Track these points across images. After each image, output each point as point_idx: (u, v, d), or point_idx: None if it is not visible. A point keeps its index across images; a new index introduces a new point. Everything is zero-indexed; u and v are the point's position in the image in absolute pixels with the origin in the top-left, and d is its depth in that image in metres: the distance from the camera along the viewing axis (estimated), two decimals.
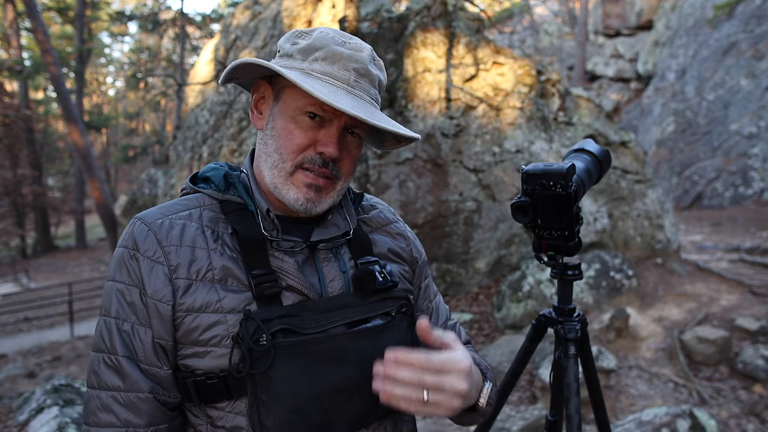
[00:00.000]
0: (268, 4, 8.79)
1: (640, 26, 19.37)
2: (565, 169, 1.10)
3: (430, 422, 3.74)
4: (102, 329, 0.81)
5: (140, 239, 0.82)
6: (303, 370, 0.78)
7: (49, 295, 12.50)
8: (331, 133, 0.85)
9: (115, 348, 0.79)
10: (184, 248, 0.82)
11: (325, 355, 0.80)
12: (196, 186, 0.91)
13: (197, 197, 0.90)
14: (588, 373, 1.32)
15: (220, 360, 0.79)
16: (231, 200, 0.88)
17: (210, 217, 0.87)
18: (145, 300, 0.79)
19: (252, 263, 0.83)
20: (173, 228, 0.83)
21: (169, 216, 0.85)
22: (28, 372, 6.63)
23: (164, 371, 0.80)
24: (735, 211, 9.73)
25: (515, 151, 5.86)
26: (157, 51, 31.61)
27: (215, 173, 0.92)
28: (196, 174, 0.95)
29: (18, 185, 19.40)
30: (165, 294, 0.79)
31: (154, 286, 0.79)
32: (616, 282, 5.01)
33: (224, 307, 0.80)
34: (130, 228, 0.85)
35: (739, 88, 11.67)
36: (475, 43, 6.10)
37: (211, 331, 0.79)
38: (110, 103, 40.10)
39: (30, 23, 13.44)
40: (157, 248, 0.81)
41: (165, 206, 0.88)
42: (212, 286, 0.81)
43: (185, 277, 0.80)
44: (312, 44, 0.85)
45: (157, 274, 0.80)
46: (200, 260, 0.82)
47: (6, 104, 19.33)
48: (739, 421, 3.40)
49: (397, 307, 0.90)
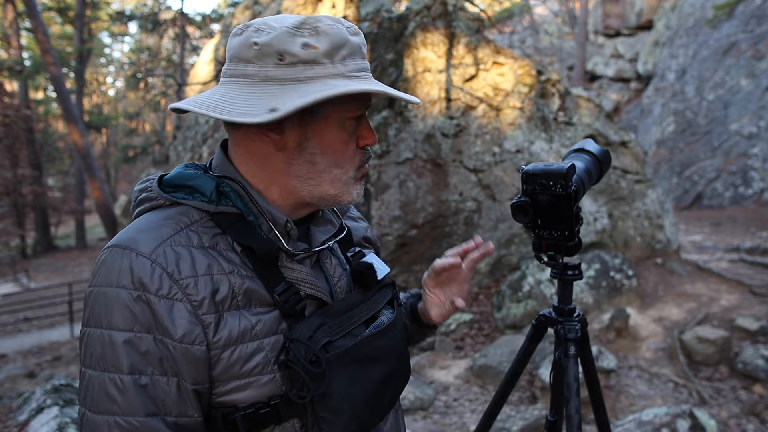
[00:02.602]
0: (268, 4, 8.79)
1: (640, 26, 19.37)
2: (565, 169, 1.10)
3: (430, 422, 3.74)
4: (108, 389, 0.68)
5: (146, 276, 0.69)
6: (353, 379, 0.79)
7: (49, 295, 12.49)
8: (367, 124, 0.84)
9: (136, 408, 0.68)
10: (201, 278, 0.72)
11: (366, 358, 0.82)
12: (171, 195, 0.78)
13: (180, 211, 0.77)
14: (588, 373, 1.32)
15: (265, 388, 0.74)
16: (225, 212, 0.78)
17: (207, 234, 0.76)
18: (168, 346, 0.69)
19: (269, 280, 0.77)
20: (180, 256, 0.72)
21: (166, 241, 0.72)
22: (28, 372, 6.63)
23: (194, 419, 0.72)
24: (735, 211, 9.73)
25: (515, 151, 5.86)
26: (157, 51, 31.60)
27: (201, 182, 0.79)
28: (161, 178, 0.82)
29: (18, 185, 19.39)
30: (196, 335, 0.70)
31: (180, 328, 0.69)
32: (616, 282, 5.01)
33: (259, 334, 0.74)
34: (123, 262, 0.70)
35: (739, 88, 11.67)
36: (475, 43, 6.10)
37: (252, 361, 0.73)
38: (110, 103, 40.09)
39: (30, 23, 13.44)
40: (171, 284, 0.70)
41: (148, 229, 0.74)
42: (240, 314, 0.74)
43: (213, 311, 0.72)
44: (334, 43, 0.75)
45: (180, 314, 0.69)
46: (223, 288, 0.73)
47: (6, 104, 19.32)
48: (739, 421, 3.40)
49: (392, 295, 0.94)
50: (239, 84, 0.76)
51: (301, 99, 0.70)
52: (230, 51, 0.78)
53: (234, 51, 0.77)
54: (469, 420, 3.71)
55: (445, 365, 4.62)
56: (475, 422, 3.12)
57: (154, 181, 0.81)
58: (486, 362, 4.30)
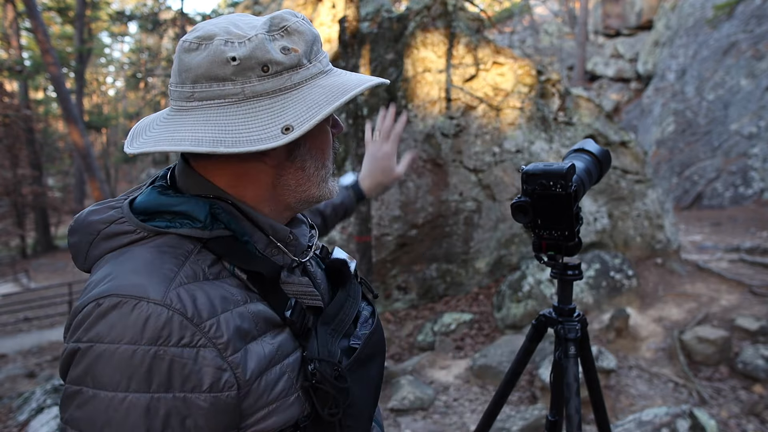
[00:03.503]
0: (268, 4, 8.80)
1: (640, 26, 19.37)
2: (565, 169, 1.10)
3: (430, 422, 3.74)
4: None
5: (164, 326, 0.60)
6: (363, 381, 0.80)
7: (49, 295, 12.50)
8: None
9: None
10: (222, 316, 0.65)
11: (367, 359, 0.82)
12: (155, 225, 0.69)
13: (171, 243, 0.68)
14: (588, 373, 1.32)
15: (290, 410, 0.70)
16: (219, 236, 0.71)
17: (207, 263, 0.69)
18: (197, 398, 0.61)
19: (275, 300, 0.73)
20: (195, 296, 0.64)
21: (174, 281, 0.64)
22: (28, 372, 6.63)
23: None
24: (735, 211, 9.73)
25: (515, 151, 5.86)
26: (157, 51, 31.59)
27: (191, 207, 0.70)
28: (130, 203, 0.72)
29: (18, 185, 19.40)
30: (225, 380, 0.63)
31: (207, 378, 0.62)
32: (616, 282, 5.01)
33: (281, 357, 0.70)
34: (132, 314, 0.60)
35: (739, 88, 11.67)
36: (475, 43, 6.10)
37: (278, 386, 0.69)
38: (110, 103, 40.08)
39: (30, 23, 13.44)
40: (194, 331, 0.62)
41: (148, 270, 0.64)
42: (262, 342, 0.69)
43: (240, 348, 0.65)
44: (309, 40, 0.72)
45: (206, 362, 0.62)
46: (244, 322, 0.67)
47: (6, 104, 19.32)
48: (739, 421, 3.40)
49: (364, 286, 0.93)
50: (222, 107, 0.67)
51: (314, 111, 0.67)
52: (193, 70, 0.68)
53: (200, 70, 0.67)
54: (469, 420, 3.71)
55: (445, 365, 4.62)
56: (475, 422, 3.12)
57: (125, 209, 0.70)
58: (486, 362, 4.30)
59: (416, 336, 5.25)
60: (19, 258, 20.98)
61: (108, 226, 0.69)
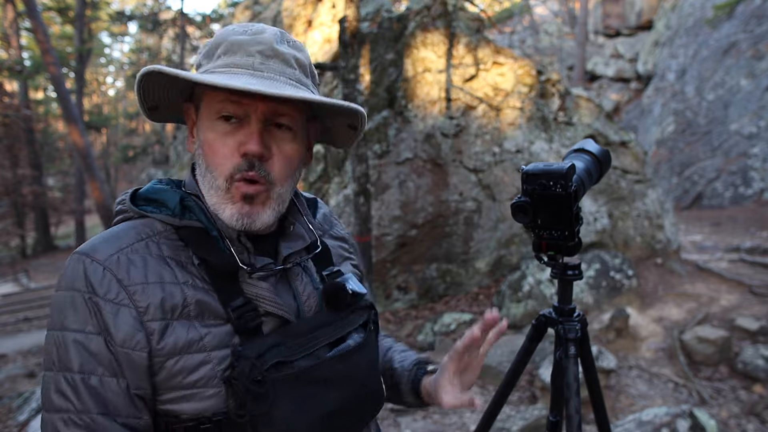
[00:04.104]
0: (268, 4, 8.80)
1: (640, 26, 19.37)
2: (565, 169, 1.09)
3: (430, 422, 3.74)
4: (61, 387, 0.70)
5: (96, 280, 0.71)
6: (301, 402, 0.76)
7: (49, 295, 12.49)
8: (251, 128, 0.76)
9: (86, 406, 0.69)
10: (151, 286, 0.72)
11: (320, 382, 0.78)
12: (139, 209, 0.79)
13: (146, 223, 0.78)
14: (588, 373, 1.32)
15: (208, 402, 0.73)
16: (190, 226, 0.78)
17: (169, 246, 0.77)
18: (114, 349, 0.70)
19: (226, 294, 0.76)
20: (132, 264, 0.73)
21: (123, 250, 0.74)
22: (28, 372, 6.62)
23: (144, 421, 0.73)
24: (735, 211, 9.73)
25: (515, 151, 5.86)
26: (157, 51, 31.60)
27: (167, 196, 0.80)
28: (135, 192, 0.83)
29: (18, 185, 19.38)
30: (138, 341, 0.70)
31: (123, 333, 0.70)
32: (616, 282, 5.00)
33: (207, 346, 0.73)
34: (78, 267, 0.72)
35: (739, 88, 11.66)
36: (475, 43, 6.10)
37: (196, 373, 0.72)
38: (110, 103, 40.08)
39: (30, 23, 13.43)
40: (119, 289, 0.71)
41: (111, 237, 0.76)
42: (190, 324, 0.73)
43: (160, 318, 0.72)
44: (213, 44, 0.79)
45: (125, 319, 0.70)
46: (173, 297, 0.73)
47: (6, 104, 19.32)
48: (739, 421, 3.40)
49: (367, 319, 0.89)
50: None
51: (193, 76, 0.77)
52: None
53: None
54: (469, 420, 3.71)
55: None
56: (475, 422, 3.12)
57: (128, 195, 0.82)
58: (486, 362, 4.30)
59: (416, 336, 5.25)
60: (19, 258, 20.97)
61: (117, 207, 0.83)
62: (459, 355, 0.96)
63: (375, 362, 0.91)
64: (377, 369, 0.92)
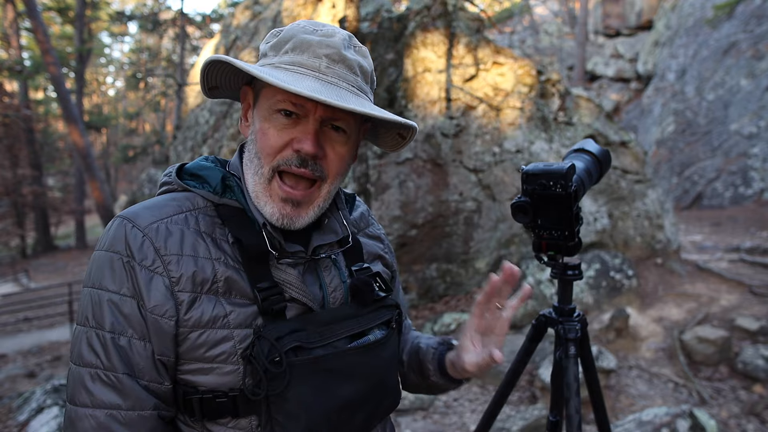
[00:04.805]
0: (268, 5, 8.80)
1: (640, 26, 19.37)
2: (565, 169, 1.09)
3: (430, 422, 3.74)
4: (92, 342, 0.74)
5: (135, 246, 0.74)
6: (317, 388, 0.77)
7: (49, 295, 12.49)
8: (307, 128, 0.79)
9: (113, 364, 0.73)
10: (186, 258, 0.75)
11: (337, 372, 0.79)
12: (184, 183, 0.84)
13: (188, 197, 0.82)
14: (588, 373, 1.32)
15: (227, 377, 0.76)
16: (229, 204, 0.82)
17: (207, 222, 0.80)
18: (145, 314, 0.73)
19: (256, 275, 0.79)
20: (171, 234, 0.76)
21: (163, 220, 0.77)
22: (28, 372, 6.63)
23: (165, 386, 0.76)
24: (735, 211, 9.73)
25: (515, 151, 5.86)
26: (157, 51, 31.60)
27: (210, 173, 0.84)
28: (182, 166, 0.87)
29: (18, 185, 19.39)
30: (167, 309, 0.74)
31: (154, 299, 0.73)
32: (616, 282, 5.01)
33: (231, 323, 0.76)
34: (120, 230, 0.76)
35: (739, 88, 11.66)
36: (475, 43, 6.10)
37: (218, 347, 0.75)
38: (110, 103, 40.08)
39: (30, 23, 13.44)
40: (155, 257, 0.74)
41: (154, 206, 0.80)
42: (217, 300, 0.76)
43: (190, 290, 0.75)
44: (282, 37, 0.82)
45: (157, 287, 0.74)
46: (205, 271, 0.76)
47: (6, 104, 19.32)
48: (739, 421, 3.40)
49: (391, 317, 0.90)
50: None
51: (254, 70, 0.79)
52: None
53: None
54: (469, 420, 3.71)
55: None
56: (475, 422, 3.12)
57: (175, 168, 0.87)
58: None
59: None
60: (19, 258, 20.97)
61: (163, 178, 0.87)
62: (480, 310, 0.92)
63: (394, 360, 0.91)
64: (395, 367, 0.93)
